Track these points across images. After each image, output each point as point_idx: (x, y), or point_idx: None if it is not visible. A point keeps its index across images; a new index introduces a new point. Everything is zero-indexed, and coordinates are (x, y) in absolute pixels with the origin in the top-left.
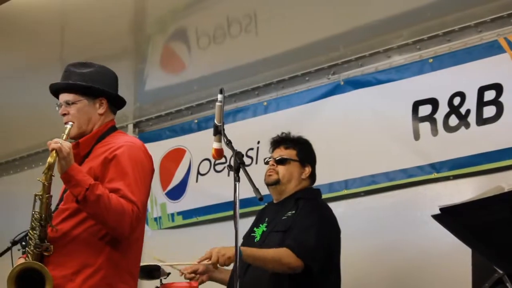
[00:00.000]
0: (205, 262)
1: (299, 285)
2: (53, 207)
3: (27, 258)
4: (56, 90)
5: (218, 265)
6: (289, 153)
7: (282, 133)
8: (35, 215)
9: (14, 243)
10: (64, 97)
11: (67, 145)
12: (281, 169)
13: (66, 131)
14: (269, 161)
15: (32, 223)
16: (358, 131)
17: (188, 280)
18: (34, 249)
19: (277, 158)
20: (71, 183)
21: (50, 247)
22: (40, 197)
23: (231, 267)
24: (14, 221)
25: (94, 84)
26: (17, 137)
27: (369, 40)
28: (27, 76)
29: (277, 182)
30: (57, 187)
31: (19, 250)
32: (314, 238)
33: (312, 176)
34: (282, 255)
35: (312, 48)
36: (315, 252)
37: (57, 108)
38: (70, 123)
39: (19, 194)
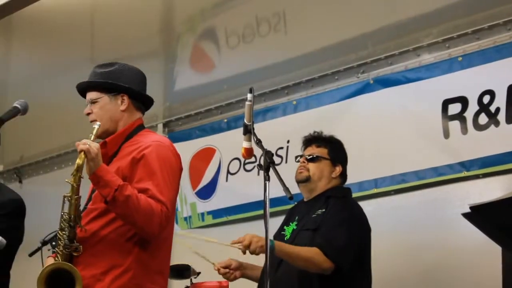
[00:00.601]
0: (236, 245)
1: (329, 284)
2: (81, 207)
3: (56, 259)
4: (83, 91)
5: (248, 251)
6: (321, 151)
7: (315, 131)
8: (64, 216)
9: (44, 243)
10: (89, 96)
11: (95, 146)
12: (311, 166)
13: (94, 132)
14: (300, 159)
15: (61, 224)
16: (387, 130)
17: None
18: (64, 249)
19: (308, 156)
20: (100, 184)
21: (79, 247)
22: (69, 198)
23: (260, 264)
24: (44, 221)
25: (114, 81)
26: (47, 138)
27: (399, 38)
28: (57, 77)
29: (307, 180)
30: (86, 186)
31: (49, 250)
32: (344, 237)
33: (343, 176)
34: (313, 254)
35: (342, 46)
36: (345, 251)
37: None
38: (98, 123)
39: (49, 194)
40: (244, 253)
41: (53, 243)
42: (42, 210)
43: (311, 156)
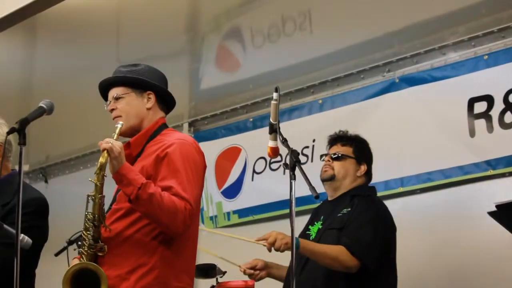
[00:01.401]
0: (261, 242)
1: (355, 282)
2: (106, 207)
3: (81, 259)
4: (105, 89)
5: (273, 248)
6: (346, 150)
7: (340, 131)
8: (88, 215)
9: (70, 242)
10: (113, 92)
11: (118, 145)
12: (336, 165)
13: (117, 131)
14: (325, 158)
15: (86, 224)
16: (413, 129)
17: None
18: (88, 249)
19: (333, 155)
20: (123, 182)
21: (104, 247)
22: (93, 197)
23: (286, 263)
24: (70, 220)
25: (141, 77)
26: (72, 137)
27: (424, 37)
28: (83, 77)
29: (332, 178)
30: (111, 187)
31: (75, 249)
32: (370, 235)
33: (368, 175)
34: (338, 253)
35: (367, 45)
36: (371, 250)
37: (105, 107)
38: (120, 122)
39: (74, 193)
40: (270, 250)
41: (79, 242)
42: (68, 209)
43: (336, 155)
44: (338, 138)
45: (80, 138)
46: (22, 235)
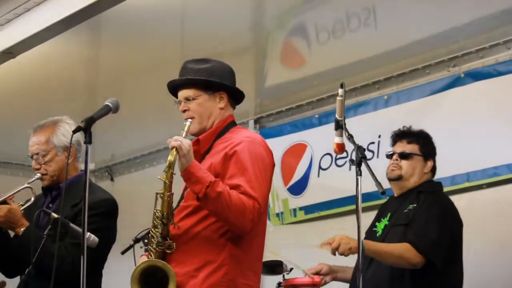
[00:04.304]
0: (325, 247)
1: (421, 279)
2: (174, 205)
3: (149, 256)
4: (174, 87)
5: (337, 252)
6: (412, 148)
7: (404, 126)
8: (157, 213)
9: (136, 240)
10: (184, 93)
11: (187, 143)
12: (404, 164)
13: (186, 128)
14: (391, 155)
15: (154, 221)
16: (479, 123)
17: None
18: (157, 247)
19: (400, 153)
20: (192, 180)
21: (172, 244)
22: (162, 195)
23: (353, 263)
24: (137, 219)
25: (214, 79)
26: (138, 136)
27: (489, 31)
28: (148, 75)
29: (399, 178)
30: (179, 184)
31: (141, 247)
32: (436, 231)
33: (434, 170)
34: (404, 250)
35: (432, 40)
36: (437, 246)
37: (176, 106)
38: (189, 120)
39: (140, 192)
40: (334, 254)
41: (146, 241)
42: (133, 208)
43: (403, 153)
44: (402, 135)
45: (146, 137)
46: (89, 233)
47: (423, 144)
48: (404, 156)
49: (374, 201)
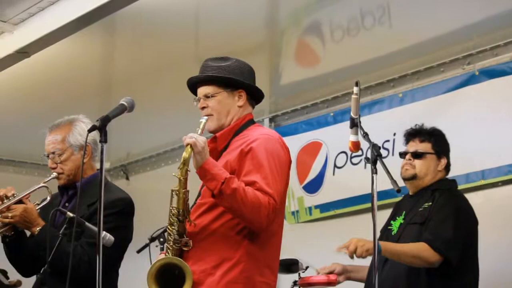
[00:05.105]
0: (343, 250)
1: (437, 277)
2: (191, 202)
3: (166, 254)
4: (193, 84)
5: (354, 255)
6: (425, 147)
7: (416, 125)
8: (172, 210)
9: (152, 239)
10: (203, 90)
11: (201, 140)
12: (418, 163)
13: (201, 126)
14: (404, 155)
15: (170, 219)
16: (493, 121)
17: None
18: (173, 244)
19: (413, 153)
20: (207, 177)
21: (189, 242)
22: (177, 192)
23: (367, 262)
24: (152, 217)
25: (233, 76)
26: (153, 134)
27: (504, 29)
28: (162, 73)
29: (414, 177)
30: (196, 182)
31: (156, 246)
32: (451, 230)
33: (448, 167)
34: (420, 250)
35: (447, 38)
36: (453, 244)
37: (195, 102)
38: (205, 117)
39: (156, 190)
40: (352, 258)
41: (161, 239)
42: (149, 206)
43: (416, 153)
44: (415, 134)
45: (160, 135)
46: (105, 232)
47: (435, 142)
48: (417, 155)
49: (389, 199)
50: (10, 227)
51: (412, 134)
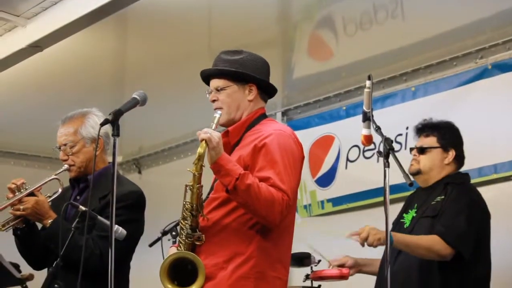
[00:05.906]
0: (354, 237)
1: (449, 271)
2: (203, 196)
3: (179, 248)
4: (207, 77)
5: (366, 243)
6: (429, 141)
7: (424, 119)
8: (186, 205)
9: (164, 233)
10: (214, 83)
11: (216, 135)
12: (422, 158)
13: (215, 121)
14: (412, 150)
15: (184, 213)
16: (506, 115)
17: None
18: (186, 238)
19: (418, 148)
20: (221, 172)
21: (201, 236)
22: (191, 187)
23: (378, 255)
24: (164, 211)
25: (244, 70)
26: (165, 128)
27: None
28: (175, 68)
29: (418, 173)
30: (208, 176)
31: (169, 240)
32: (464, 223)
33: (458, 159)
34: (432, 242)
35: (460, 32)
36: (465, 237)
37: (207, 94)
38: (219, 112)
39: (168, 184)
40: (363, 245)
41: (173, 233)
42: (161, 200)
43: (420, 148)
44: (422, 129)
45: (174, 129)
46: (117, 226)
47: (441, 134)
48: (421, 150)
49: (402, 193)
50: (21, 220)
51: (420, 129)
